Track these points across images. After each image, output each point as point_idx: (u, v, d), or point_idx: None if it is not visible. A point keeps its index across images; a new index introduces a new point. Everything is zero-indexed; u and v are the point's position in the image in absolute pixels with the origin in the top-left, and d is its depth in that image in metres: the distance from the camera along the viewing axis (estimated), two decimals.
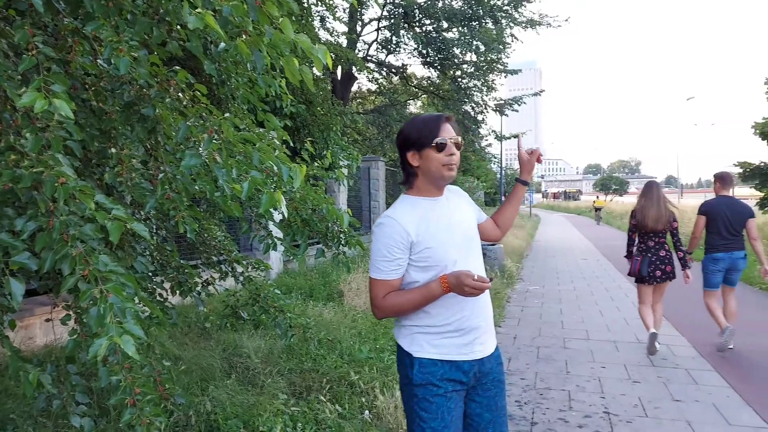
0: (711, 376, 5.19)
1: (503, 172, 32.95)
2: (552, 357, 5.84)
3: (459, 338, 2.07)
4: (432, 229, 2.06)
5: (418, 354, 2.06)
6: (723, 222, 5.94)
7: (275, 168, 2.44)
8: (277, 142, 4.08)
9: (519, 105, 18.15)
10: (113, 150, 2.47)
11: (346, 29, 15.11)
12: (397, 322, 2.17)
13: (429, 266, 2.03)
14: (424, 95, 19.30)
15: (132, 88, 2.31)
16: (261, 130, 3.13)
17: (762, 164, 15.00)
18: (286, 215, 2.98)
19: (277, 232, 5.34)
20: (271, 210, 2.63)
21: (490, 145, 26.30)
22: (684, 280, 5.88)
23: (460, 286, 1.93)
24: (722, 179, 6.12)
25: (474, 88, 17.63)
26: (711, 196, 6.35)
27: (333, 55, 11.74)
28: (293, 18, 9.86)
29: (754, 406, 4.46)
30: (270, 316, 4.01)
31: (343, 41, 14.70)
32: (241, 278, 4.07)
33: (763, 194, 14.32)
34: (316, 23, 13.43)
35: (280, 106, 4.53)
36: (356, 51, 15.14)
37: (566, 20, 16.79)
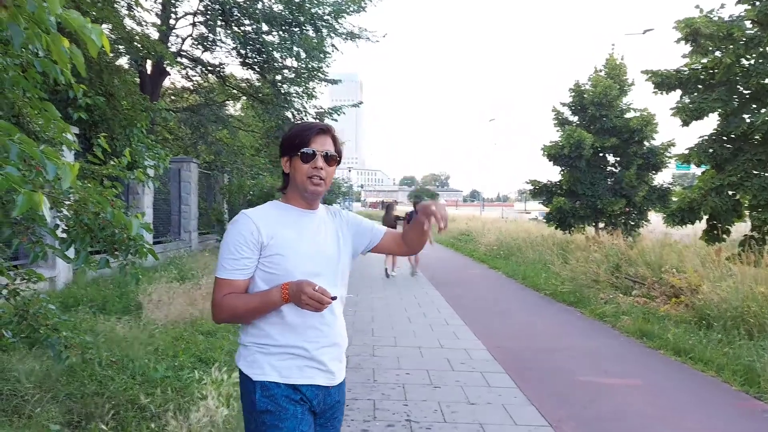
0: (502, 378, 5.58)
1: None
2: (361, 365, 5.88)
3: (302, 360, 1.92)
4: (289, 237, 1.94)
5: (260, 377, 1.90)
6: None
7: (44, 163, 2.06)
8: (69, 137, 3.55)
9: (339, 114, 18.40)
10: None
11: (158, 20, 14.09)
12: (239, 341, 2.01)
13: (276, 274, 1.90)
14: (243, 97, 18.73)
15: None
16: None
17: (548, 182, 16.90)
18: (48, 218, 2.55)
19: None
20: (44, 213, 2.23)
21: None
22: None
23: (298, 294, 1.81)
24: (415, 203, 9.32)
25: (294, 95, 17.50)
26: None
27: (140, 46, 10.83)
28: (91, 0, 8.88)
29: (536, 404, 4.86)
30: (41, 335, 3.45)
31: (154, 33, 13.69)
32: (4, 291, 3.45)
33: (549, 209, 16.14)
34: (123, 11, 12.31)
35: (74, 96, 3.97)
36: (168, 45, 14.17)
37: (384, 36, 17.43)
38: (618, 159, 16.29)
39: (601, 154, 16.22)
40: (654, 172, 16.12)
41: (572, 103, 16.67)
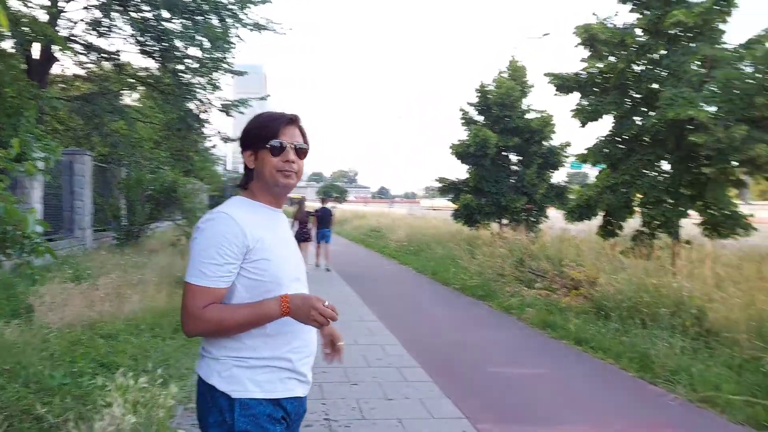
0: (417, 372, 5.64)
1: (228, 174, 32.35)
2: None
3: (285, 372, 1.79)
4: (270, 239, 1.78)
5: (240, 394, 1.71)
6: (324, 218, 13.91)
7: None
8: None
9: (246, 107, 17.92)
10: None
11: (47, 2, 13.05)
12: (205, 353, 1.79)
13: (261, 281, 1.74)
14: (142, 87, 17.78)
15: None
16: None
17: (456, 180, 17.34)
18: None
19: None
20: None
21: (215, 146, 25.53)
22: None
23: (306, 308, 1.68)
24: (323, 199, 13.97)
25: (198, 85, 16.83)
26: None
27: (27, 29, 9.98)
28: None
29: (451, 398, 4.94)
30: None
31: (43, 15, 12.67)
32: None
33: (457, 206, 16.56)
34: None
35: None
36: (58, 28, 13.16)
37: (291, 29, 17.15)
38: (520, 158, 16.98)
39: (504, 154, 16.84)
40: (552, 171, 16.95)
41: (478, 104, 17.18)
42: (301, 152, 1.86)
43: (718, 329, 5.98)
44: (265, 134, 1.82)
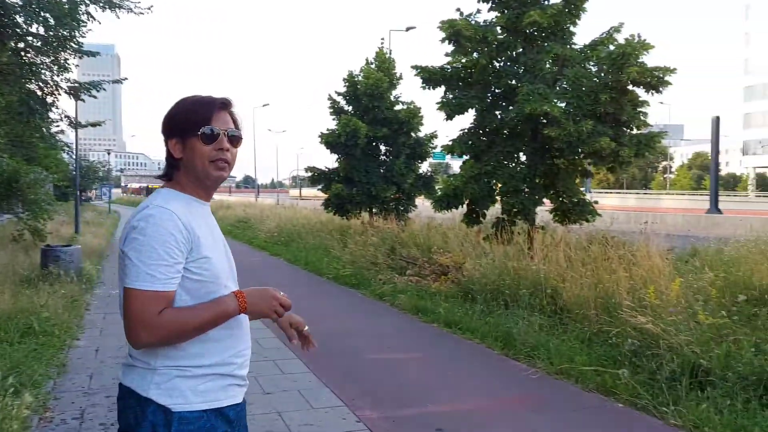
0: (295, 364, 5.58)
1: (78, 163, 29.77)
2: None
3: (228, 378, 1.65)
4: (206, 235, 1.64)
5: (181, 407, 1.55)
6: None
7: None
8: None
9: (99, 90, 16.56)
10: None
11: None
12: (138, 364, 1.59)
13: (204, 282, 1.59)
14: None
15: None
16: None
17: (326, 169, 17.34)
18: None
19: None
20: None
21: (62, 131, 23.34)
22: None
23: (267, 301, 1.62)
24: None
25: (42, 66, 15.27)
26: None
27: None
28: None
29: (330, 386, 4.96)
30: None
31: None
32: None
33: (327, 195, 16.58)
34: None
35: None
36: None
37: (149, 9, 16.08)
38: (389, 148, 17.35)
39: (374, 144, 17.10)
40: (420, 161, 17.51)
41: (346, 93, 17.28)
42: (235, 140, 1.70)
43: (571, 307, 6.53)
44: (195, 120, 1.63)
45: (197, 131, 1.63)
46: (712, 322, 4.85)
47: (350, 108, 17.29)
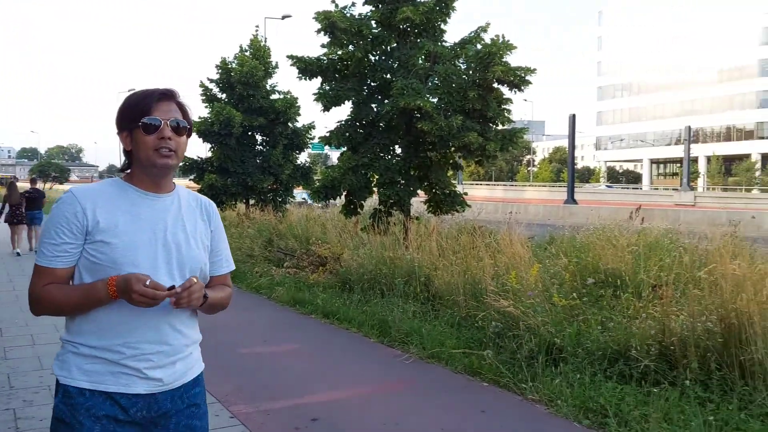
0: None
1: None
2: None
3: (116, 366, 1.69)
4: (121, 222, 1.70)
5: (65, 380, 1.69)
6: (33, 199, 13.74)
7: None
8: None
9: None
10: None
11: None
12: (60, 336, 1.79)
13: (101, 265, 1.67)
14: None
15: None
16: None
17: (199, 159, 16.69)
18: None
19: None
20: None
21: None
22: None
23: (127, 290, 1.60)
24: (33, 179, 14.84)
25: None
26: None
27: None
28: None
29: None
30: None
31: None
32: None
33: (200, 186, 15.95)
34: None
35: None
36: None
37: None
38: (266, 138, 17.05)
39: (250, 133, 16.72)
40: (298, 152, 17.38)
41: (220, 80, 16.73)
42: (181, 129, 1.77)
43: (442, 293, 6.83)
44: (138, 112, 1.73)
45: (139, 122, 1.72)
46: (565, 303, 5.30)
47: (224, 96, 16.77)
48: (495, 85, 9.10)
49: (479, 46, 9.47)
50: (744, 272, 4.22)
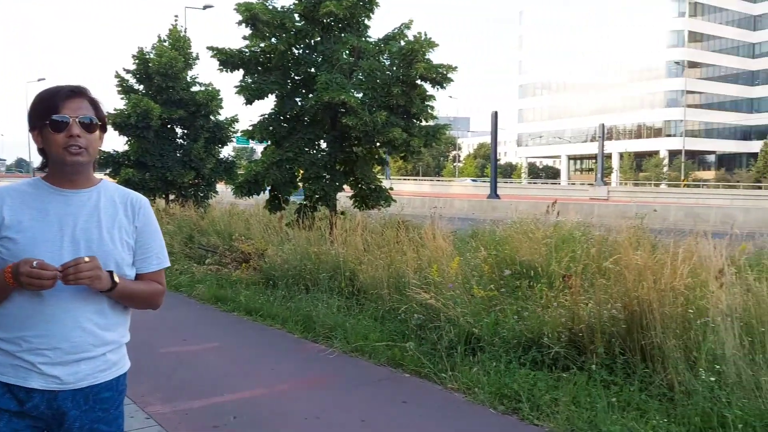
0: None
1: None
2: None
3: (14, 358, 1.70)
4: (28, 219, 1.72)
5: None
6: None
7: None
8: None
9: None
10: None
11: None
12: None
13: (7, 262, 1.67)
14: None
15: None
16: None
17: (114, 152, 15.99)
18: None
19: None
20: None
21: None
22: None
23: (17, 274, 1.60)
24: None
25: None
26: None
27: None
28: None
29: None
30: None
31: None
32: None
33: (116, 181, 15.27)
34: None
35: None
36: None
37: None
38: (186, 131, 16.54)
39: (169, 126, 16.18)
40: (220, 145, 16.98)
41: (137, 71, 16.08)
42: (92, 126, 1.76)
43: (367, 287, 6.88)
44: (46, 110, 1.73)
45: (47, 120, 1.72)
46: (483, 294, 5.47)
47: (141, 87, 16.14)
48: (418, 81, 9.25)
49: (403, 43, 9.59)
50: (645, 262, 4.49)
